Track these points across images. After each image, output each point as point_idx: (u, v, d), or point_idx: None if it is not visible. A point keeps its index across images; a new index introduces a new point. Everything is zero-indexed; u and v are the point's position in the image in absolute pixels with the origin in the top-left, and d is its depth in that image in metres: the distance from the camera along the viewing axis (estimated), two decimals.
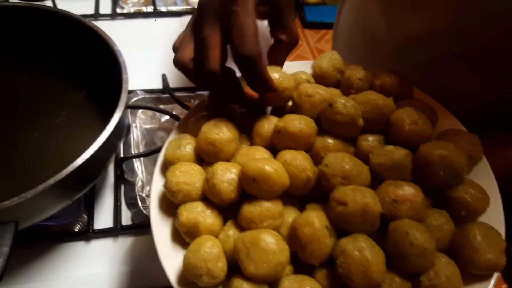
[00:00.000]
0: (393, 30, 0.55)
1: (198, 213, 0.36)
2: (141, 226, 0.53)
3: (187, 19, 0.82)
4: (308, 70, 0.47)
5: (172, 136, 0.43)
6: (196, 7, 0.82)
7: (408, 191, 0.34)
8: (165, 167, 0.40)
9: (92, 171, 0.45)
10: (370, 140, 0.39)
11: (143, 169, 0.59)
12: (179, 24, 0.81)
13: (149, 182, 0.58)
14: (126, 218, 0.54)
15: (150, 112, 0.66)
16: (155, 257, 0.50)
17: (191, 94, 0.68)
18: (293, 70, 0.46)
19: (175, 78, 0.68)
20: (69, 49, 0.59)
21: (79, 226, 0.52)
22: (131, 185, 0.57)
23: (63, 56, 0.59)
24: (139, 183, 0.57)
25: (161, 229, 0.38)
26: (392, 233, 0.33)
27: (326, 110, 0.39)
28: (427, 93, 0.45)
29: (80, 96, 0.58)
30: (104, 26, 0.55)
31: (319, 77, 0.45)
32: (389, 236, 0.33)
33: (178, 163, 0.39)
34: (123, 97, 0.47)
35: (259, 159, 0.36)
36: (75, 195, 0.45)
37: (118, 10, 0.81)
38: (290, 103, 0.44)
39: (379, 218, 0.33)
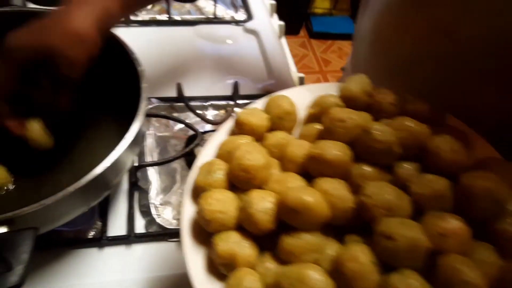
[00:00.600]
0: (408, 42, 0.55)
1: (234, 244, 0.35)
2: (154, 235, 0.53)
3: (200, 28, 0.83)
4: (332, 92, 0.46)
5: (201, 159, 0.42)
6: (209, 16, 0.83)
7: (454, 224, 0.33)
8: (195, 192, 0.40)
9: (110, 179, 0.45)
10: (407, 168, 0.38)
11: (157, 177, 0.59)
12: (193, 33, 0.82)
13: (163, 190, 0.58)
14: (140, 225, 0.54)
15: (163, 120, 0.66)
16: (168, 266, 0.51)
17: (205, 104, 0.69)
18: (318, 92, 0.46)
19: (190, 87, 0.68)
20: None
21: (93, 232, 0.52)
22: (144, 193, 0.57)
23: None
24: (153, 191, 0.57)
25: (194, 257, 0.37)
26: (442, 269, 0.32)
27: (362, 136, 0.38)
28: (440, 107, 0.44)
29: (96, 105, 0.58)
30: (119, 33, 0.55)
31: (348, 100, 0.44)
32: (439, 272, 0.32)
33: (211, 190, 0.37)
34: (142, 106, 0.48)
35: (298, 189, 0.35)
36: (93, 202, 0.45)
37: (133, 17, 0.82)
38: (318, 126, 0.43)
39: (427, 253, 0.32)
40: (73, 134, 0.55)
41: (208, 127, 0.66)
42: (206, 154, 0.43)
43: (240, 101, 0.68)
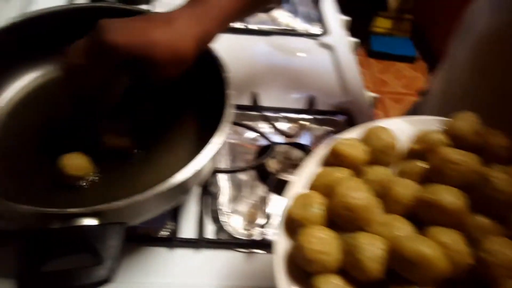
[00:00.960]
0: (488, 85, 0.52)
1: None
2: (223, 243, 0.53)
3: (275, 38, 0.83)
4: (435, 127, 0.43)
5: (293, 188, 0.40)
6: (284, 27, 0.83)
7: None
8: (289, 223, 0.38)
9: (193, 184, 0.46)
10: None
11: (227, 184, 0.59)
12: (267, 44, 0.82)
13: (232, 198, 0.58)
14: (209, 231, 0.54)
15: (235, 127, 0.66)
16: (235, 277, 0.51)
17: (277, 115, 0.68)
18: (419, 125, 0.43)
19: (261, 97, 0.68)
20: None
21: (164, 232, 0.53)
22: (215, 198, 0.57)
23: None
24: (223, 198, 0.57)
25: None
26: None
27: (478, 184, 0.35)
28: None
29: (179, 106, 0.59)
30: None
31: (456, 139, 0.40)
32: None
33: (310, 227, 0.35)
34: (228, 113, 0.48)
35: (414, 238, 0.33)
36: (174, 203, 0.46)
37: None
38: (421, 164, 0.40)
39: None
40: (155, 135, 0.56)
41: (278, 138, 0.65)
42: (298, 183, 0.40)
43: (315, 116, 0.67)
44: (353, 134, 0.43)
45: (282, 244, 0.37)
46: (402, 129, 0.43)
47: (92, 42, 0.42)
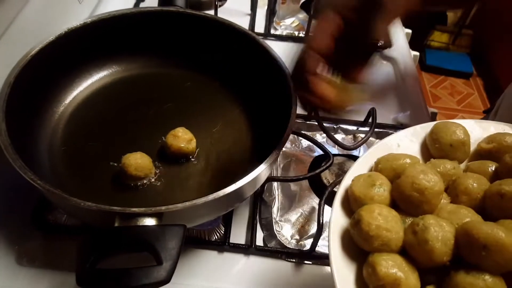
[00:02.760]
0: None
1: (399, 269, 0.32)
2: (273, 251, 0.52)
3: None
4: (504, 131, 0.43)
5: (355, 169, 0.40)
6: None
7: None
8: (347, 203, 0.38)
9: (249, 191, 0.45)
10: None
11: (280, 193, 0.58)
12: None
13: (284, 207, 0.57)
14: (259, 238, 0.53)
15: (291, 136, 0.65)
16: (283, 286, 0.50)
17: (334, 126, 0.67)
18: (490, 129, 0.43)
19: None
20: (235, 64, 0.61)
21: (215, 236, 0.53)
22: (267, 206, 0.56)
23: (227, 69, 0.62)
24: (275, 206, 0.56)
25: (343, 273, 0.35)
26: None
27: None
28: None
29: (237, 111, 0.60)
30: None
31: None
32: None
33: (374, 204, 0.35)
34: (291, 123, 0.47)
35: (491, 224, 0.32)
36: (229, 209, 0.45)
37: (272, 31, 0.83)
38: (491, 164, 0.39)
39: None
40: (211, 135, 0.57)
41: (335, 150, 0.64)
42: (361, 164, 0.41)
43: (374, 129, 0.64)
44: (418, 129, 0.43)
45: (339, 221, 0.37)
46: (471, 130, 0.42)
47: None
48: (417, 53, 0.89)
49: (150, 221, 0.38)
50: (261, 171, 0.42)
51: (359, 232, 0.34)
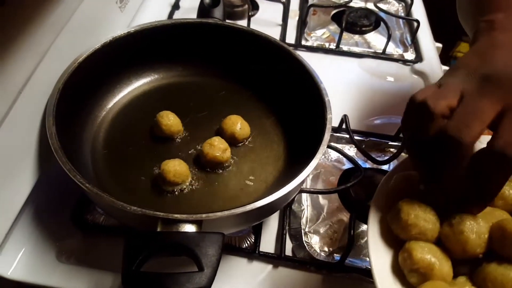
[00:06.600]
0: None
1: (434, 255, 0.34)
2: (302, 262, 0.53)
3: (366, 61, 0.82)
4: None
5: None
6: (376, 51, 0.82)
7: None
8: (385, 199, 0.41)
9: (285, 200, 0.47)
10: None
11: (309, 203, 0.59)
12: (357, 66, 0.81)
13: (312, 218, 0.58)
14: (288, 248, 0.54)
15: None
16: None
17: (364, 139, 0.68)
18: None
19: (354, 120, 0.68)
20: (269, 75, 0.63)
21: (246, 243, 0.54)
22: (296, 216, 0.57)
23: (261, 79, 0.64)
24: (304, 217, 0.58)
25: (380, 261, 0.37)
26: None
27: None
28: None
29: (269, 121, 0.61)
30: None
31: None
32: None
33: (413, 200, 0.38)
34: (326, 137, 0.48)
35: None
36: (265, 217, 0.47)
37: (303, 42, 0.84)
38: None
39: None
40: (244, 145, 0.58)
41: (364, 163, 0.65)
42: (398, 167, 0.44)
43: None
44: None
45: (377, 213, 0.40)
46: None
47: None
48: (447, 68, 0.89)
49: (190, 227, 0.40)
50: (298, 183, 0.43)
51: (398, 221, 0.36)
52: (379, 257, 0.37)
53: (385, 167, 0.64)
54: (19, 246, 0.52)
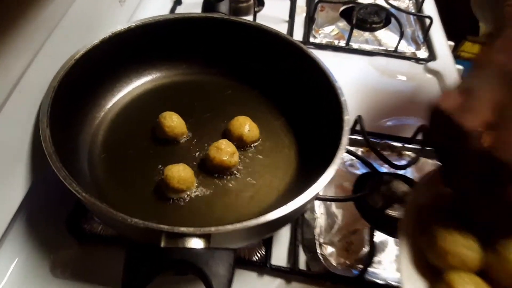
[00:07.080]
0: None
1: None
2: (317, 276, 0.49)
3: (376, 59, 0.79)
4: None
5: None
6: (387, 48, 0.79)
7: None
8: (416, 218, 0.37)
9: (301, 210, 0.43)
10: None
11: (323, 212, 0.55)
12: (368, 64, 0.78)
13: (327, 228, 0.54)
14: (301, 261, 0.50)
15: None
16: None
17: (379, 141, 0.64)
18: None
19: (365, 122, 0.64)
20: (278, 73, 0.59)
21: (256, 256, 0.50)
22: (309, 226, 0.53)
23: (269, 77, 0.60)
24: (317, 226, 0.54)
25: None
26: None
27: None
28: None
29: (279, 123, 0.57)
30: None
31: None
32: None
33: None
34: (344, 141, 0.44)
35: None
36: (279, 229, 0.43)
37: (311, 39, 0.81)
38: None
39: None
40: (251, 148, 0.55)
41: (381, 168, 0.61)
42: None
43: (425, 147, 0.61)
44: None
45: (405, 238, 0.36)
46: None
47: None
48: (461, 67, 0.85)
49: (197, 241, 0.36)
50: (316, 192, 0.39)
51: (436, 248, 0.32)
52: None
53: (401, 171, 0.60)
54: (11, 256, 0.48)
